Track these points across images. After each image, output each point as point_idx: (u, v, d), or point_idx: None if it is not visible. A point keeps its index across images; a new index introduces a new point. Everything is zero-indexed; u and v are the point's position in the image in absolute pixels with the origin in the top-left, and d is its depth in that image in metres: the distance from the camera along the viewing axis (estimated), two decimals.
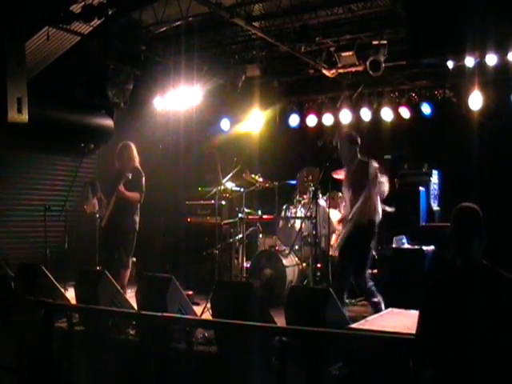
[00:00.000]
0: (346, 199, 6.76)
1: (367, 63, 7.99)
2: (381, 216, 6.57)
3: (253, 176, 8.73)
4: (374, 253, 6.79)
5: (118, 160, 7.78)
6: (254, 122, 10.49)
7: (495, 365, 2.84)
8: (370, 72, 8.06)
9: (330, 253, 8.12)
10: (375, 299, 6.40)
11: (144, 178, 7.71)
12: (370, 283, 6.50)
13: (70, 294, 6.85)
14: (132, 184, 7.56)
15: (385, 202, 6.94)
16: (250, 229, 8.93)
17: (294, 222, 8.52)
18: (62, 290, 6.87)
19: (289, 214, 8.69)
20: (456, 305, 2.95)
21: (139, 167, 7.76)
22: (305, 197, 8.54)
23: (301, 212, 8.46)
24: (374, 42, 8.02)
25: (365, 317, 5.62)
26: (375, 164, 6.62)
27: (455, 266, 3.12)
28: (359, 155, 6.74)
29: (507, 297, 2.91)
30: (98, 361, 5.70)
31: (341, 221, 7.89)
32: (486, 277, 2.99)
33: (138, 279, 7.72)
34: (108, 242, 7.78)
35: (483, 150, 8.18)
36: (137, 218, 7.69)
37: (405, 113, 9.40)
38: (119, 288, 6.48)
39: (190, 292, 7.47)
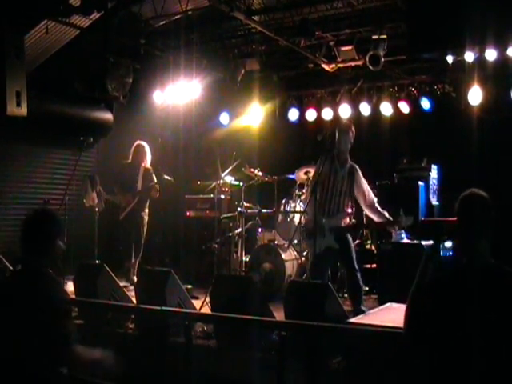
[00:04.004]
0: None
1: (367, 57, 7.97)
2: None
3: (252, 170, 8.73)
4: None
5: (133, 155, 8.60)
6: (253, 116, 10.46)
7: (499, 366, 2.62)
8: (370, 66, 8.04)
9: None
10: None
11: None
12: None
13: (69, 288, 6.85)
14: (151, 181, 8.55)
15: (384, 197, 6.96)
16: (250, 223, 8.93)
17: (293, 217, 8.51)
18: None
19: (288, 209, 8.68)
20: (459, 306, 2.70)
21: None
22: (304, 191, 8.53)
23: (300, 206, 8.45)
24: (374, 37, 8.00)
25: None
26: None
27: (458, 265, 2.84)
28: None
29: None
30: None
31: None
32: (492, 278, 2.71)
33: (137, 273, 7.75)
34: (129, 233, 8.40)
35: (482, 144, 8.16)
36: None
37: (404, 107, 9.36)
38: (118, 282, 6.50)
39: (189, 286, 7.46)
